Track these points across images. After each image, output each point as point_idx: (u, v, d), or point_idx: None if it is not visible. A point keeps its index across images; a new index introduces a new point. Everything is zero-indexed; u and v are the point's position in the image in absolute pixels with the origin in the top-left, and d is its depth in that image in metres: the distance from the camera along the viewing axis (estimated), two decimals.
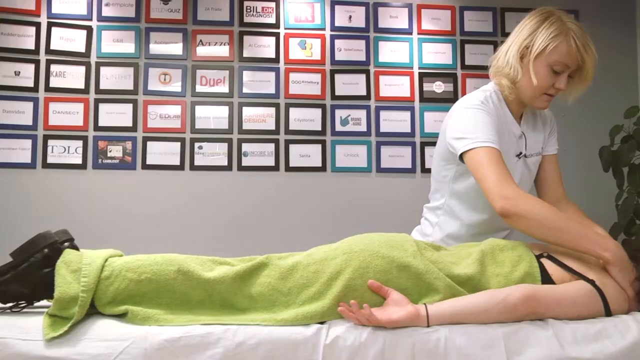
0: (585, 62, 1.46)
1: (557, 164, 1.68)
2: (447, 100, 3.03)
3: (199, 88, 2.96)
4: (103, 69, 2.91)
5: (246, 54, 3.01)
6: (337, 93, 3.04)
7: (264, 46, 3.03)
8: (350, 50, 3.08)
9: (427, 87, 3.09)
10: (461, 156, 1.46)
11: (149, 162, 2.89)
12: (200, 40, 3.00)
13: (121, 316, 1.18)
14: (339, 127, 3.02)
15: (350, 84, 3.06)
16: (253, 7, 3.05)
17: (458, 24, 3.16)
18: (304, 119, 3.01)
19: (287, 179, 2.97)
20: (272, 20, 3.05)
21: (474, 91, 1.60)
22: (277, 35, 3.04)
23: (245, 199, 2.93)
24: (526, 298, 1.17)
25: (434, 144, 1.74)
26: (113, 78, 2.92)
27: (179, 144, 2.92)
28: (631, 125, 2.33)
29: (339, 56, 3.07)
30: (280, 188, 2.96)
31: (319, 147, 3.00)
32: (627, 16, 3.21)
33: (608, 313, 1.22)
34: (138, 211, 2.86)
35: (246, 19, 3.03)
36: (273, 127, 2.98)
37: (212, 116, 2.96)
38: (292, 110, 3.00)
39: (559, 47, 1.45)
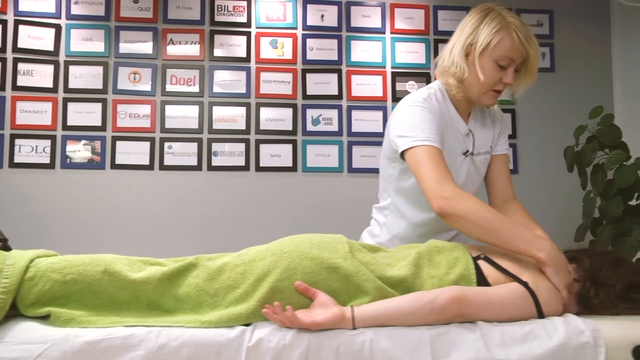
0: (529, 55, 1.46)
1: (506, 164, 1.66)
2: None
3: (169, 87, 2.94)
4: (72, 68, 2.89)
5: (217, 53, 2.99)
6: (308, 92, 3.01)
7: (235, 45, 3.01)
8: (322, 49, 3.06)
9: (399, 86, 3.07)
10: (402, 154, 1.44)
11: (118, 161, 2.87)
12: (171, 39, 2.98)
13: (44, 318, 1.16)
14: (310, 127, 3.00)
15: (321, 84, 3.03)
16: (224, 6, 3.03)
17: (432, 24, 3.14)
18: (275, 118, 2.99)
19: (257, 179, 2.95)
20: (243, 19, 3.03)
21: (420, 89, 1.59)
22: (248, 34, 3.02)
23: (215, 199, 2.91)
24: (454, 300, 1.15)
25: None
26: (82, 77, 2.90)
27: (148, 143, 2.90)
28: (595, 125, 2.32)
29: (310, 55, 3.04)
30: (251, 188, 2.94)
31: (289, 147, 2.97)
32: (601, 16, 3.19)
33: (541, 315, 1.20)
34: (107, 211, 2.83)
35: (217, 18, 3.01)
36: (243, 127, 2.96)
37: (182, 116, 2.94)
38: (262, 109, 2.98)
39: (502, 42, 1.44)
